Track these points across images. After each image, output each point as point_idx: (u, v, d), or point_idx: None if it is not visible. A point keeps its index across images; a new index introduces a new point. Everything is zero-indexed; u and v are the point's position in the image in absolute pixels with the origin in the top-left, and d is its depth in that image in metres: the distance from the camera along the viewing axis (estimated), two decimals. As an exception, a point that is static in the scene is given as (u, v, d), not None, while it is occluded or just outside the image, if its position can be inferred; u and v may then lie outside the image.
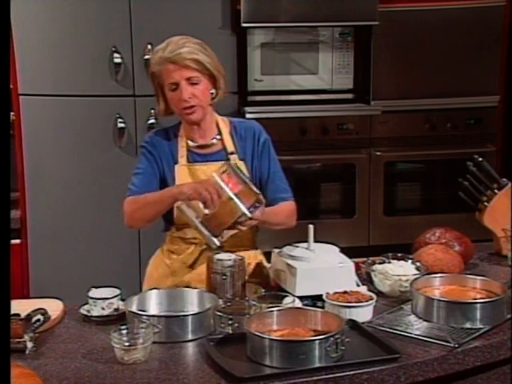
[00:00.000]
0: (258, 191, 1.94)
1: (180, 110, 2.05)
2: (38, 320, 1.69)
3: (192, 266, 2.10)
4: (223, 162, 2.02)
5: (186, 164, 2.09)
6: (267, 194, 2.09)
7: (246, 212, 1.91)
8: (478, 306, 1.75)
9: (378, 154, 3.23)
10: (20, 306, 1.79)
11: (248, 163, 2.11)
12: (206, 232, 1.94)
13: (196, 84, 2.02)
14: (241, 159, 2.10)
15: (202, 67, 2.02)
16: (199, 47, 2.04)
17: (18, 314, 1.67)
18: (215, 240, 1.94)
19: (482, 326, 1.72)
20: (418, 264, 2.01)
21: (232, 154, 2.10)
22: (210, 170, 2.04)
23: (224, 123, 2.14)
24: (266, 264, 2.16)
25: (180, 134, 2.12)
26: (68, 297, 1.98)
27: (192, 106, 2.03)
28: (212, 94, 2.07)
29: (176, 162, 2.09)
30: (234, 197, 1.91)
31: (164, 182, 2.09)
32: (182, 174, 2.08)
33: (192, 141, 2.11)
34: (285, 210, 2.13)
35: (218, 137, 2.12)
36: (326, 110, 3.16)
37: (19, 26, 2.80)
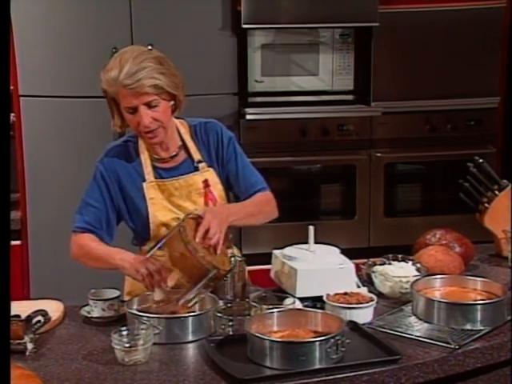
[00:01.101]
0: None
1: (140, 133, 1.93)
2: (39, 321, 1.69)
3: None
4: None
5: (154, 181, 1.99)
6: (241, 192, 2.03)
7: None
8: (479, 307, 1.74)
9: (379, 155, 3.23)
10: (20, 307, 1.79)
11: (216, 169, 2.04)
12: None
13: (155, 107, 1.88)
14: (209, 166, 2.02)
15: (161, 91, 1.87)
16: (157, 65, 1.87)
17: (18, 315, 1.67)
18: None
19: (482, 328, 1.72)
20: (419, 265, 2.01)
21: (200, 162, 2.01)
22: (182, 185, 1.98)
23: (184, 127, 2.04)
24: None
25: (141, 150, 2.00)
26: (68, 298, 1.98)
27: (153, 130, 1.91)
28: (172, 106, 1.95)
29: (144, 180, 1.99)
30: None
31: (132, 204, 1.99)
32: (152, 191, 1.98)
33: (155, 155, 2.00)
34: (260, 201, 2.02)
35: (180, 144, 2.02)
36: (326, 112, 3.16)
37: (20, 26, 2.80)
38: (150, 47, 2.78)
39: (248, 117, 3.05)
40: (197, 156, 2.03)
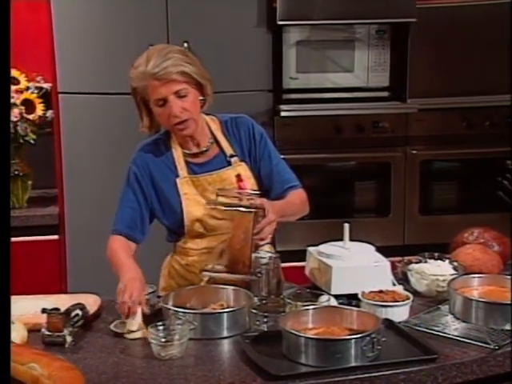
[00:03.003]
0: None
1: (171, 126, 1.95)
2: (77, 315, 1.72)
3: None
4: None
5: (188, 176, 2.00)
6: (275, 188, 2.04)
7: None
8: (519, 307, 1.72)
9: (414, 152, 3.19)
10: (59, 301, 1.83)
11: (248, 164, 2.04)
12: None
13: (184, 96, 1.90)
14: (241, 161, 2.03)
15: (188, 78, 1.90)
16: (183, 56, 1.92)
17: (57, 309, 1.70)
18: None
19: (522, 328, 1.69)
20: (456, 264, 1.99)
21: (232, 156, 2.02)
22: (215, 180, 1.99)
23: (214, 123, 2.05)
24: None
25: (173, 145, 2.02)
26: (104, 292, 2.00)
27: (184, 121, 1.92)
28: (201, 101, 1.97)
29: (177, 175, 2.00)
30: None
31: (166, 201, 2.00)
32: (185, 187, 1.99)
33: (187, 150, 2.02)
34: (297, 199, 2.05)
35: (212, 140, 2.03)
36: (361, 108, 3.13)
37: (59, 25, 2.84)
38: (185, 44, 2.83)
39: (282, 114, 3.04)
40: (229, 150, 2.03)
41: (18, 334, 1.66)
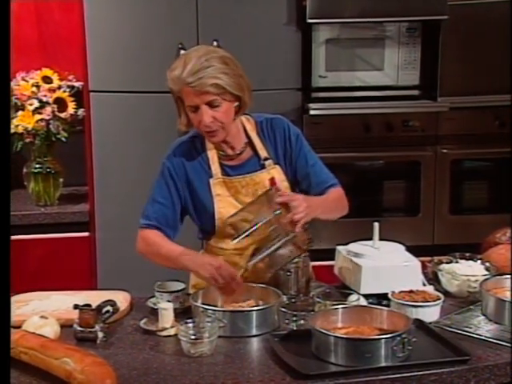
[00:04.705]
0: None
1: (202, 132, 1.95)
2: (108, 311, 1.74)
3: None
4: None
5: (221, 177, 2.00)
6: (312, 188, 2.02)
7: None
8: (553, 309, 1.69)
9: (445, 151, 3.16)
10: (90, 297, 1.85)
11: (283, 167, 2.03)
12: None
13: (217, 106, 1.88)
14: (275, 164, 2.02)
15: (222, 90, 1.86)
16: (221, 65, 1.87)
17: (89, 305, 1.72)
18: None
19: (556, 330, 1.67)
20: (488, 264, 1.97)
21: (266, 159, 2.01)
22: (248, 183, 1.99)
23: (250, 124, 2.04)
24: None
25: (208, 146, 2.01)
26: (134, 289, 2.03)
27: (214, 130, 1.92)
28: (236, 107, 1.94)
29: (210, 176, 2.00)
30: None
31: (198, 200, 2.00)
32: (218, 188, 2.00)
33: (222, 151, 2.01)
34: (335, 196, 2.03)
35: (246, 142, 2.02)
36: (391, 107, 3.10)
37: (91, 25, 2.87)
38: (215, 43, 2.84)
39: (311, 112, 3.03)
40: (263, 153, 2.02)
41: (51, 329, 1.68)
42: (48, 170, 3.02)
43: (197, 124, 1.94)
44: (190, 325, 1.66)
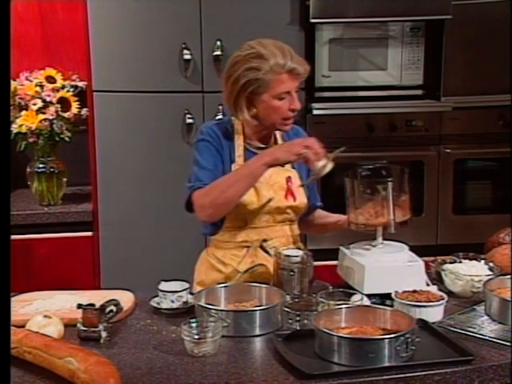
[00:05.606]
0: None
1: (279, 119, 2.01)
2: (111, 311, 1.74)
3: (247, 270, 2.05)
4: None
5: (243, 163, 2.03)
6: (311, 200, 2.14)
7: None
8: (556, 309, 1.69)
9: (448, 151, 3.16)
10: (93, 297, 1.85)
11: (299, 172, 2.10)
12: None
13: (296, 93, 2.02)
14: (293, 167, 2.09)
15: (304, 78, 2.02)
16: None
17: (92, 304, 1.72)
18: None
19: (560, 330, 1.66)
20: (491, 264, 1.96)
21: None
22: (265, 178, 2.00)
23: None
24: None
25: (237, 132, 2.06)
26: (137, 288, 2.02)
27: (292, 118, 2.02)
28: None
29: (233, 161, 2.04)
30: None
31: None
32: None
33: (250, 141, 2.06)
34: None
35: (272, 140, 2.10)
36: (394, 107, 3.10)
37: (94, 24, 2.88)
38: (218, 43, 2.85)
39: (315, 112, 3.03)
40: None
41: (55, 328, 1.68)
42: (51, 169, 3.03)
43: (282, 111, 1.99)
44: (194, 324, 1.66)
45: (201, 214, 1.98)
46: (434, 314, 1.76)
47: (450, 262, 2.01)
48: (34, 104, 2.89)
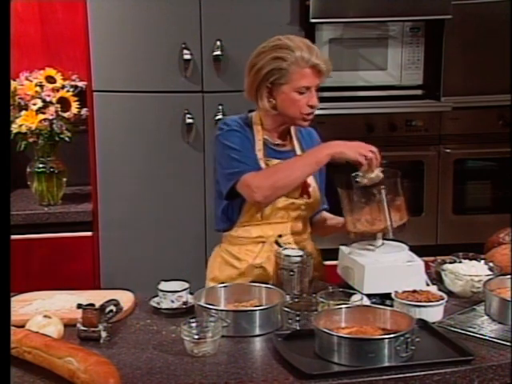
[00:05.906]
0: None
1: (299, 114, 2.03)
2: (111, 311, 1.74)
3: (262, 266, 2.07)
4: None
5: (263, 158, 2.06)
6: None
7: None
8: (556, 309, 1.69)
9: (448, 151, 3.16)
10: (93, 297, 1.85)
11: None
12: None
13: (316, 91, 2.04)
14: None
15: (325, 76, 2.04)
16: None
17: (92, 304, 1.72)
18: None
19: (560, 330, 1.66)
20: (491, 264, 1.96)
21: None
22: None
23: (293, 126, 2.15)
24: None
25: (255, 128, 2.08)
26: (137, 288, 2.03)
27: (312, 113, 2.04)
28: None
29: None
30: None
31: None
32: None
33: (268, 137, 2.09)
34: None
35: (288, 137, 2.14)
36: (394, 107, 3.10)
37: (94, 24, 2.87)
38: (218, 43, 2.84)
39: (315, 111, 3.03)
40: (300, 153, 2.11)
41: (55, 328, 1.69)
42: (51, 169, 3.03)
43: (301, 105, 2.01)
44: (193, 324, 1.66)
45: (257, 195, 1.95)
46: (433, 314, 1.76)
47: (450, 262, 2.01)
48: (34, 104, 2.89)
